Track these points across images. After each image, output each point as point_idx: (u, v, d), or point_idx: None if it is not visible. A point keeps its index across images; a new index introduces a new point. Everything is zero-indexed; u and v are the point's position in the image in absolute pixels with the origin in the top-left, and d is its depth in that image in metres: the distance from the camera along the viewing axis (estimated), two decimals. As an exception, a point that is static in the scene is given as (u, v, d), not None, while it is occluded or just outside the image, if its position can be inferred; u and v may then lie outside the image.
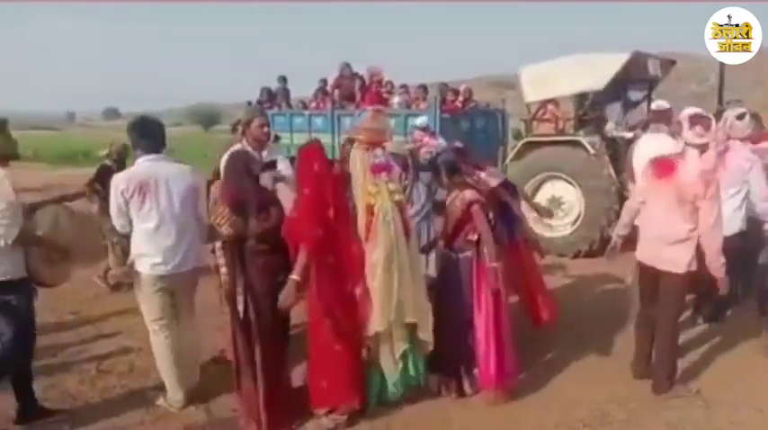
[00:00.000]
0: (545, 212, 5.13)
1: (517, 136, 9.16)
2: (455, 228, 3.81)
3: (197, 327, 3.87)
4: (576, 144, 7.48)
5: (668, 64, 8.47)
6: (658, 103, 5.43)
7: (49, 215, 3.54)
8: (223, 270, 3.66)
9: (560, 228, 7.64)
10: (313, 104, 10.55)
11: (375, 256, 3.36)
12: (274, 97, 10.99)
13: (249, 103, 11.08)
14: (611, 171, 7.32)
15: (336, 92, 10.27)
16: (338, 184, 3.45)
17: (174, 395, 3.72)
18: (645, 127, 5.73)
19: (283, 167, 4.01)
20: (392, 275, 3.36)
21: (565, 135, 7.98)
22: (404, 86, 9.95)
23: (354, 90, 10.29)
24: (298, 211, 3.33)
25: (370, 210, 3.41)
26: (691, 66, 41.53)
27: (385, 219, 3.38)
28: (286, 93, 11.10)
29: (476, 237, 3.73)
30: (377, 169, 3.45)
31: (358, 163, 3.49)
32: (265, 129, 4.13)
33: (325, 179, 3.33)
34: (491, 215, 3.86)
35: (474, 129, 9.53)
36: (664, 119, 5.16)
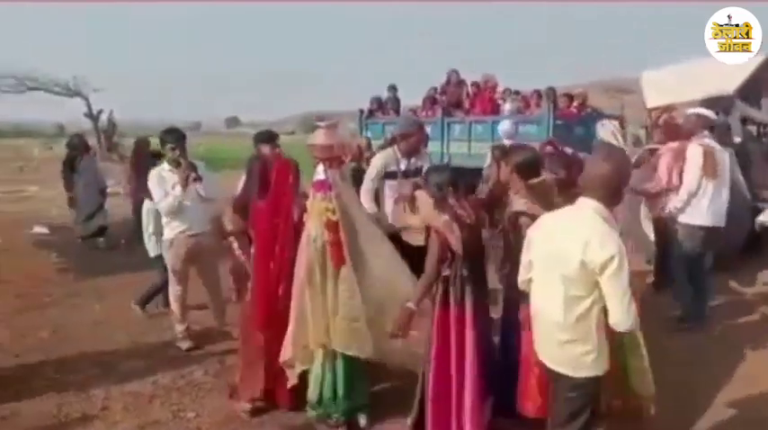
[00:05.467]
0: None
1: (636, 143, 8.73)
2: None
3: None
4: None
5: None
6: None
7: None
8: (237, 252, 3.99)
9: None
10: (423, 113, 10.69)
11: (301, 277, 3.33)
12: (384, 105, 11.26)
13: (361, 112, 11.44)
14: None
15: (444, 99, 10.33)
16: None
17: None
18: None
19: None
20: (309, 302, 3.30)
21: (688, 142, 7.45)
22: (517, 93, 9.83)
23: (462, 97, 10.30)
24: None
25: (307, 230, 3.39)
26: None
27: (309, 240, 3.29)
28: (396, 101, 11.33)
29: (447, 271, 3.10)
30: (316, 187, 3.36)
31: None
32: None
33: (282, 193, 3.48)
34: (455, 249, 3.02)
35: (590, 136, 9.21)
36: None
